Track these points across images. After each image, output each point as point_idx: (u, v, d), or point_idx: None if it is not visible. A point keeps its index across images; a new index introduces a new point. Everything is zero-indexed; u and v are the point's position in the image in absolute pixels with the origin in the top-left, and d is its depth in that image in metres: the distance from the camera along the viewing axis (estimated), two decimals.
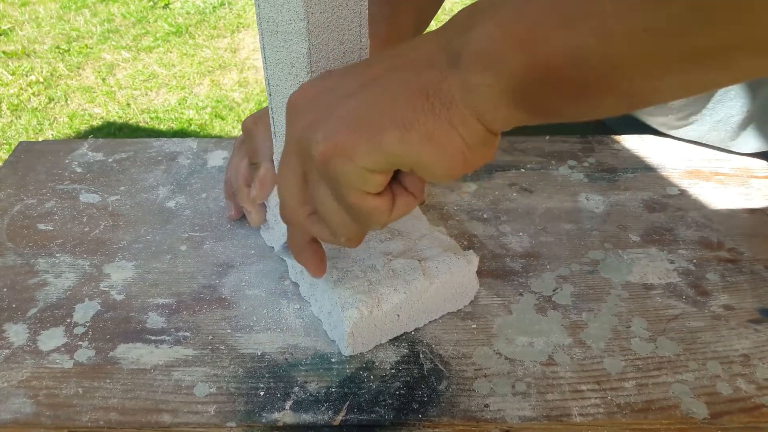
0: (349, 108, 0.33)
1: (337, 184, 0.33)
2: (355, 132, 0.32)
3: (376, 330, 0.45)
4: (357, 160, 0.32)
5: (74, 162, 0.64)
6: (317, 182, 0.35)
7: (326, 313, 0.46)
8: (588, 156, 0.65)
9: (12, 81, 2.39)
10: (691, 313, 0.49)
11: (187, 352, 0.46)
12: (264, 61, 0.44)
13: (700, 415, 0.42)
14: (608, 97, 0.30)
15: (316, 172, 0.34)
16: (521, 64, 0.29)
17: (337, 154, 0.32)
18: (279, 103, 0.45)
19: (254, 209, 0.52)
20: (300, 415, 0.42)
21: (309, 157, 0.34)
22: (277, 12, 0.41)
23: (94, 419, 0.41)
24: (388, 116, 0.32)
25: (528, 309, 0.49)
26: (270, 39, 0.42)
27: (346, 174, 0.32)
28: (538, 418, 0.41)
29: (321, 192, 0.35)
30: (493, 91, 0.31)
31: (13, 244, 0.55)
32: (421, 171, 0.33)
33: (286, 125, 0.37)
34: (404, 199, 0.35)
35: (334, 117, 0.33)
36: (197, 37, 2.69)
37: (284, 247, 0.47)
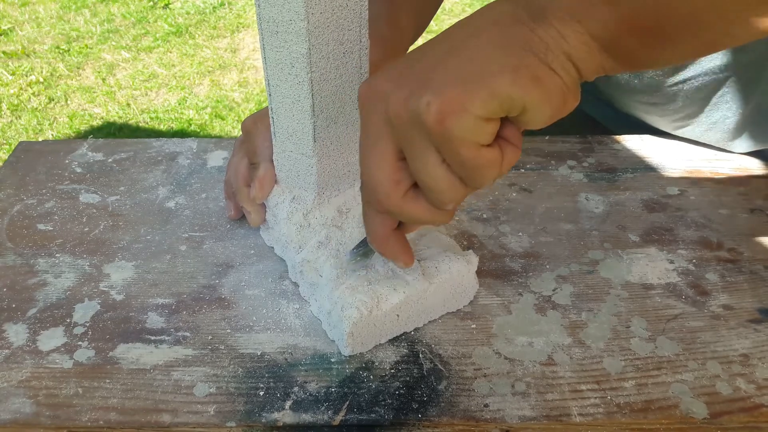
0: (449, 67, 0.33)
1: (451, 142, 0.33)
2: (466, 83, 0.32)
3: (375, 330, 0.45)
4: (473, 109, 0.32)
5: (74, 162, 0.64)
6: (424, 151, 0.34)
7: (326, 313, 0.46)
8: (588, 156, 0.65)
9: (12, 81, 2.39)
10: (690, 313, 0.49)
11: (186, 352, 0.46)
12: (264, 61, 0.45)
13: (700, 414, 0.42)
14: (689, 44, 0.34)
15: (426, 138, 0.34)
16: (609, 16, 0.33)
17: (452, 109, 0.32)
18: (279, 103, 0.45)
19: (254, 209, 0.52)
20: (300, 415, 0.42)
21: (415, 126, 0.34)
22: (278, 12, 0.41)
23: (93, 419, 0.41)
24: (494, 63, 0.33)
25: (527, 309, 0.49)
26: (270, 39, 0.42)
27: (461, 127, 0.32)
28: (538, 417, 0.41)
29: (430, 160, 0.35)
30: (585, 38, 0.33)
31: (13, 244, 0.55)
32: (531, 112, 0.34)
33: (365, 114, 0.37)
34: (511, 150, 0.35)
35: (435, 79, 0.33)
36: (197, 37, 2.69)
37: (354, 253, 0.46)
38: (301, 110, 0.45)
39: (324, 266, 0.47)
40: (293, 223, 0.50)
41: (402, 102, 0.34)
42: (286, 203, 0.50)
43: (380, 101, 0.35)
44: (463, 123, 0.32)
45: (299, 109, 0.45)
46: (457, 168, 0.34)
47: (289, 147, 0.48)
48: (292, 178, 0.50)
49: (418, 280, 0.45)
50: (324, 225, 0.50)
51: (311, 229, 0.49)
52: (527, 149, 0.66)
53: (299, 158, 0.48)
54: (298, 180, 0.50)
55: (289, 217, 0.50)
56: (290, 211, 0.50)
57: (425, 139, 0.34)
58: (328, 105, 0.45)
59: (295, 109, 0.45)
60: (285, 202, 0.50)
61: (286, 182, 0.51)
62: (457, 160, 0.34)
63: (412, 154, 0.35)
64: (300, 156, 0.48)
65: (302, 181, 0.50)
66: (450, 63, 0.34)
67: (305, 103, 0.45)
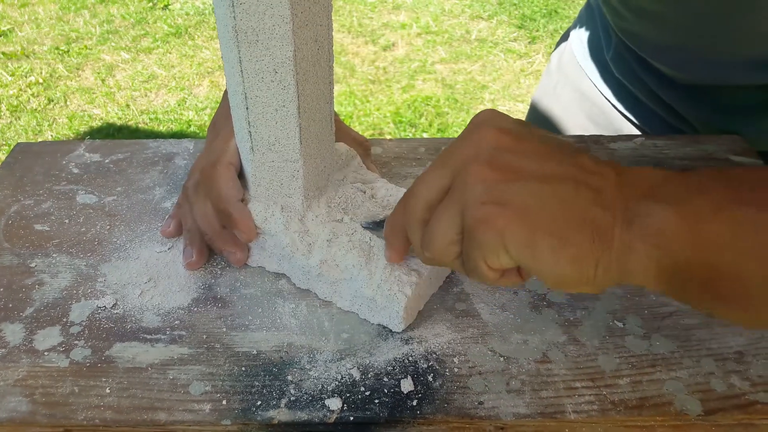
0: (523, 197, 0.35)
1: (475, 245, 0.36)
2: (519, 222, 0.34)
3: (419, 299, 0.47)
4: (507, 245, 0.35)
5: (71, 163, 0.64)
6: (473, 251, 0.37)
7: (367, 301, 0.46)
8: None
9: (11, 82, 2.39)
10: (685, 311, 0.49)
11: (182, 350, 0.46)
12: (239, 75, 0.43)
13: (694, 411, 0.42)
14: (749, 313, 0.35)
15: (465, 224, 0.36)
16: (688, 260, 0.34)
17: (491, 228, 0.35)
18: (259, 114, 0.45)
19: (241, 248, 0.51)
20: (295, 413, 0.42)
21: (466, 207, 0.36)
22: (259, 20, 0.40)
23: (89, 417, 0.42)
24: (553, 224, 0.34)
25: (522, 307, 0.49)
26: (249, 50, 0.42)
27: (486, 245, 0.35)
28: (533, 415, 0.42)
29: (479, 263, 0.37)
30: (651, 264, 0.34)
31: (10, 245, 0.55)
32: (544, 278, 0.36)
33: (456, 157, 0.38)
34: (512, 279, 0.39)
35: (508, 197, 0.35)
36: (197, 38, 2.69)
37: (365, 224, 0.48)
38: (286, 115, 0.45)
39: (345, 259, 0.47)
40: (293, 231, 0.49)
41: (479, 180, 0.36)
42: (276, 215, 0.49)
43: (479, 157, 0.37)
44: (490, 242, 0.35)
45: (283, 115, 0.45)
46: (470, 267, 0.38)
47: (271, 157, 0.47)
48: (275, 188, 0.49)
49: None
50: (323, 222, 0.49)
51: (313, 231, 0.49)
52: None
53: (283, 166, 0.48)
54: (281, 189, 0.49)
55: (287, 226, 0.49)
56: (285, 221, 0.49)
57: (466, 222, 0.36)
58: (309, 105, 0.45)
59: (279, 116, 0.45)
60: (275, 214, 0.49)
61: (267, 195, 0.50)
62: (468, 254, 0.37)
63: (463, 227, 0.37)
64: (284, 163, 0.48)
65: (287, 189, 0.49)
66: (527, 192, 0.35)
67: (290, 107, 0.44)
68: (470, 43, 2.67)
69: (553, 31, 2.74)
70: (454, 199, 0.37)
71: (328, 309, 0.49)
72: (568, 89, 0.84)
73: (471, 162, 0.36)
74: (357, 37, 2.70)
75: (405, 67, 2.51)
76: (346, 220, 0.50)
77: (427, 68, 2.51)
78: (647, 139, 0.68)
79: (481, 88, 2.41)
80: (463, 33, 2.74)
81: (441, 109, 2.30)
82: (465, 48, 2.64)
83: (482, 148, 0.37)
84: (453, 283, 0.51)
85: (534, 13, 2.87)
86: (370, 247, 0.48)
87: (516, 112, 2.30)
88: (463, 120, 2.25)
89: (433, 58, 2.57)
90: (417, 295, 0.46)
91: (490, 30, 2.76)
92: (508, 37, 2.71)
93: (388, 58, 2.57)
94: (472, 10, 2.90)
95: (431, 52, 2.60)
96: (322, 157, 0.50)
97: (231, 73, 0.44)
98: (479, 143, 0.37)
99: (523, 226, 0.34)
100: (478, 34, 2.73)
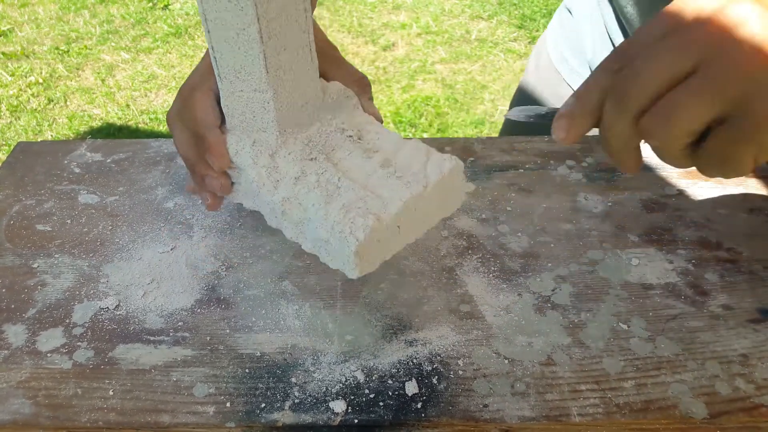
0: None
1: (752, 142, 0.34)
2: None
3: (380, 246, 0.43)
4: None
5: (73, 163, 0.64)
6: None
7: (323, 243, 0.44)
8: (586, 156, 0.65)
9: (11, 82, 2.39)
10: (690, 313, 0.49)
11: (186, 352, 0.46)
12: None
13: (699, 414, 0.42)
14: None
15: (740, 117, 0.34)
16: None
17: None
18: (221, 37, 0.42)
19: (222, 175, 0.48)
20: (299, 416, 0.42)
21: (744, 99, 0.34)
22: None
23: (93, 420, 0.41)
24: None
25: (527, 309, 0.49)
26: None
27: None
28: (537, 418, 0.41)
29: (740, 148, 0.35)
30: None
31: (12, 245, 0.55)
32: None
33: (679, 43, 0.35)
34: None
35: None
36: (197, 38, 2.69)
37: (520, 116, 0.45)
38: (247, 39, 0.42)
39: (307, 198, 0.44)
40: (261, 165, 0.46)
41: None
42: (246, 149, 0.47)
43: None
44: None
45: (245, 39, 0.42)
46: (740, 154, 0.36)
47: (239, 86, 0.45)
48: (248, 121, 0.47)
49: (412, 186, 0.44)
50: (296, 160, 0.47)
51: (282, 168, 0.47)
52: (526, 149, 0.66)
53: (252, 96, 0.45)
54: (254, 122, 0.46)
55: (255, 161, 0.46)
56: (254, 155, 0.46)
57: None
58: (275, 29, 0.42)
59: (240, 41, 0.42)
60: (245, 148, 0.47)
61: (242, 128, 0.47)
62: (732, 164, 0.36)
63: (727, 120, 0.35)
64: (252, 93, 0.45)
65: (259, 122, 0.46)
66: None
67: (251, 30, 0.41)
68: (470, 43, 2.67)
69: None
70: (712, 87, 0.34)
71: (332, 311, 0.49)
72: (547, 94, 0.83)
73: (737, 49, 0.33)
74: (357, 37, 2.70)
75: (405, 67, 2.51)
76: (320, 159, 0.47)
77: (427, 68, 2.51)
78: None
79: (481, 88, 2.41)
80: (463, 33, 2.74)
81: (441, 109, 2.30)
82: (465, 48, 2.64)
83: (746, 32, 0.33)
84: (457, 285, 0.51)
85: (534, 13, 2.86)
86: (336, 187, 0.45)
87: None
88: (462, 120, 2.25)
89: (433, 58, 2.57)
90: (375, 241, 0.43)
91: (490, 30, 2.76)
92: (508, 37, 2.71)
93: (388, 58, 2.57)
94: (472, 10, 2.90)
95: (431, 52, 2.60)
96: (300, 92, 0.46)
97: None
98: (736, 26, 0.34)
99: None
100: (478, 34, 2.73)
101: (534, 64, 0.86)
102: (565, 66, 0.79)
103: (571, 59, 0.79)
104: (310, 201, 0.44)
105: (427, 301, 0.50)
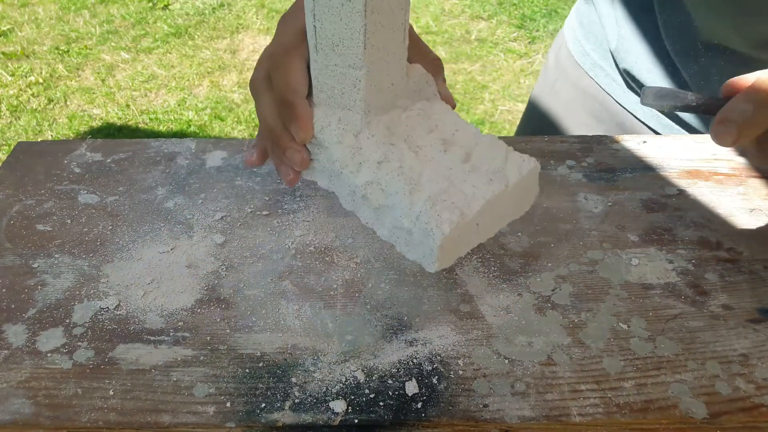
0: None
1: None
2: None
3: (460, 242, 0.43)
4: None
5: (73, 162, 0.64)
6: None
7: (404, 232, 0.44)
8: (587, 156, 0.65)
9: (11, 82, 2.39)
10: (690, 313, 0.49)
11: (186, 352, 0.46)
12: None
13: (699, 414, 0.42)
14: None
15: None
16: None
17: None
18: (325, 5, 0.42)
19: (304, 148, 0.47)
20: (299, 416, 0.42)
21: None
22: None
23: (93, 420, 0.41)
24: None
25: (527, 309, 0.49)
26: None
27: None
28: (538, 418, 0.41)
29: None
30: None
31: (12, 245, 0.55)
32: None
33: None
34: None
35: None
36: (196, 38, 2.69)
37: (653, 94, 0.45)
38: (352, 11, 0.42)
39: (391, 184, 0.44)
40: (346, 145, 0.46)
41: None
42: (333, 126, 0.46)
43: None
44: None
45: (349, 10, 0.42)
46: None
47: (334, 60, 0.44)
48: (336, 97, 0.46)
49: (495, 183, 0.44)
50: (378, 144, 0.46)
51: (365, 150, 0.46)
52: (526, 149, 0.66)
53: (345, 72, 0.45)
54: (342, 99, 0.46)
55: (340, 140, 0.46)
56: (340, 134, 0.46)
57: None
58: (378, 4, 0.42)
59: (344, 11, 0.42)
60: (332, 125, 0.46)
61: (328, 103, 0.47)
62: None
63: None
64: (346, 69, 0.45)
65: (347, 100, 0.46)
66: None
67: (357, 3, 0.41)
68: (470, 43, 2.67)
69: (553, 31, 2.74)
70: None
71: (332, 311, 0.49)
72: (568, 86, 0.83)
73: None
74: None
75: None
76: (401, 146, 0.46)
77: None
78: (650, 140, 0.68)
79: (481, 88, 2.41)
80: (463, 33, 2.74)
81: None
82: (465, 48, 2.64)
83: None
84: (457, 285, 0.51)
85: (534, 13, 2.87)
86: (419, 176, 0.45)
87: (516, 112, 2.30)
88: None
89: None
90: (457, 237, 0.43)
91: (490, 30, 2.76)
92: (508, 37, 2.71)
93: None
94: (472, 10, 2.90)
95: None
96: (389, 72, 0.46)
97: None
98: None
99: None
100: (478, 34, 2.73)
101: (553, 60, 0.87)
102: (587, 60, 0.80)
103: (592, 53, 0.79)
104: (394, 188, 0.44)
105: (427, 301, 0.50)
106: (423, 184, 0.44)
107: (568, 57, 0.83)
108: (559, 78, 0.85)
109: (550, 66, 0.88)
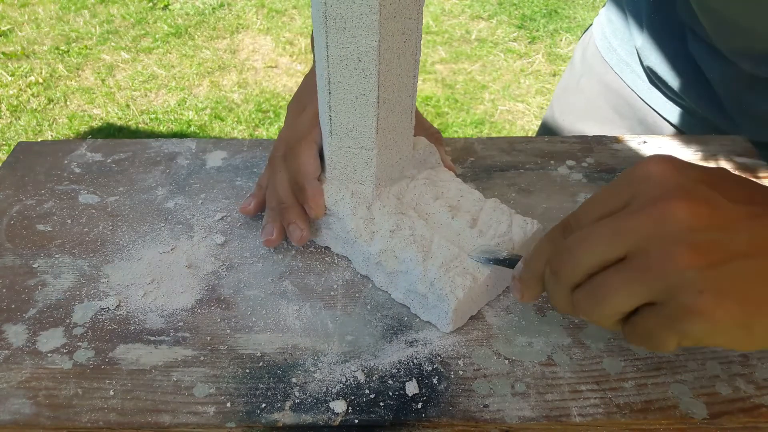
0: (741, 281, 0.33)
1: (673, 330, 0.34)
2: (738, 310, 0.32)
3: (472, 303, 0.47)
4: (717, 333, 0.33)
5: (73, 163, 0.64)
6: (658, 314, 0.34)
7: (419, 297, 0.47)
8: (587, 156, 0.65)
9: (11, 82, 2.39)
10: None
11: (186, 352, 0.46)
12: (324, 60, 0.44)
13: (699, 415, 0.42)
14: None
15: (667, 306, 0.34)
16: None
17: (706, 320, 0.32)
18: (341, 99, 0.46)
19: (307, 226, 0.51)
20: (300, 416, 0.42)
21: (670, 291, 0.33)
22: (348, 8, 0.41)
23: (93, 420, 0.41)
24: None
25: (527, 309, 0.49)
26: (336, 36, 0.43)
27: (692, 332, 0.33)
28: (538, 418, 0.41)
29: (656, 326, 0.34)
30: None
31: (12, 245, 0.55)
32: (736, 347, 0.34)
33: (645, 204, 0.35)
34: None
35: (726, 285, 0.32)
36: (197, 38, 2.69)
37: (481, 258, 0.47)
38: (365, 103, 0.46)
39: (404, 252, 0.48)
40: (359, 217, 0.50)
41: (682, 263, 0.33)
42: (346, 199, 0.50)
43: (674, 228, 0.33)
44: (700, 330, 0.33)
45: (363, 103, 0.46)
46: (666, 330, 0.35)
47: (347, 143, 0.49)
48: (348, 174, 0.51)
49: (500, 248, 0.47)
50: (389, 213, 0.50)
51: (378, 220, 0.50)
52: (526, 149, 0.66)
53: (358, 153, 0.49)
54: (354, 175, 0.51)
55: (354, 212, 0.50)
56: (353, 206, 0.50)
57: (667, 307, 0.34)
58: (389, 95, 0.46)
59: (359, 104, 0.46)
60: (345, 198, 0.50)
61: (341, 179, 0.51)
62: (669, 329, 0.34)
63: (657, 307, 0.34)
64: (359, 150, 0.49)
65: (359, 176, 0.50)
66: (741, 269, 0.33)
67: (370, 96, 0.45)
68: (470, 43, 2.67)
69: (553, 31, 2.74)
70: (642, 277, 0.34)
71: (332, 311, 0.49)
72: (594, 82, 0.84)
73: (667, 243, 0.33)
74: None
75: None
76: (411, 215, 0.51)
77: (427, 68, 2.51)
78: (651, 140, 0.68)
79: (481, 88, 2.41)
80: (463, 33, 2.74)
81: (441, 109, 2.30)
82: (465, 48, 2.64)
83: (677, 228, 0.33)
84: None
85: (534, 13, 2.87)
86: (430, 243, 0.48)
87: (516, 112, 2.30)
88: (462, 120, 2.25)
89: (433, 58, 2.57)
90: (470, 299, 0.46)
91: (490, 30, 2.76)
92: (508, 37, 2.71)
93: None
94: (472, 10, 2.90)
95: (431, 52, 2.60)
96: (397, 149, 0.51)
97: (319, 57, 0.45)
98: (667, 221, 0.33)
99: (742, 312, 0.32)
100: (478, 34, 2.73)
101: (580, 56, 0.88)
102: (613, 55, 0.81)
103: (619, 49, 0.80)
104: (407, 255, 0.47)
105: None
106: (434, 251, 0.47)
107: (594, 53, 0.84)
108: (584, 73, 0.86)
109: (576, 62, 0.89)
